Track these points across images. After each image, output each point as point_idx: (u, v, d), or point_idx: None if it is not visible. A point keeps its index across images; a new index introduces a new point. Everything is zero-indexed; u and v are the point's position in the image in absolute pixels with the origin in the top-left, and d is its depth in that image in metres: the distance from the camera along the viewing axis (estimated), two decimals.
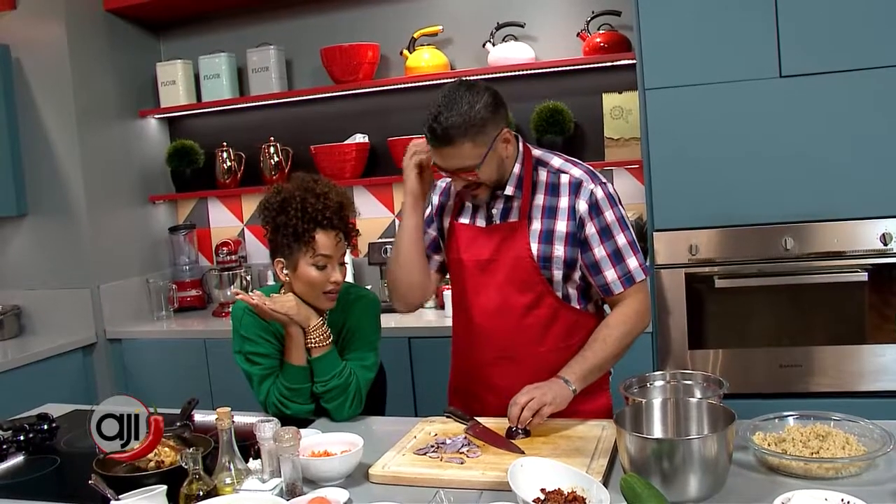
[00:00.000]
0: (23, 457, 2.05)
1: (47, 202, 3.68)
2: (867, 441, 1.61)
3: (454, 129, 1.87)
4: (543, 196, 2.03)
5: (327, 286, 2.08)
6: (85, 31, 3.66)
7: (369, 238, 3.78)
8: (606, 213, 2.00)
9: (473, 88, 1.91)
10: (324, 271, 2.07)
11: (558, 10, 3.52)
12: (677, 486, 1.44)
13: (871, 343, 2.66)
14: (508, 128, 1.99)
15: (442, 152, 1.93)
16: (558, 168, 2.05)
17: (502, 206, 2.05)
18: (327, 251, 2.06)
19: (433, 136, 1.91)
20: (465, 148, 1.89)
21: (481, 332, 2.07)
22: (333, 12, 3.82)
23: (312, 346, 2.11)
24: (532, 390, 1.89)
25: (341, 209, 2.10)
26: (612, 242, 2.00)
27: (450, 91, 1.91)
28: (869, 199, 2.62)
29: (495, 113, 1.93)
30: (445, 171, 1.99)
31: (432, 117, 1.89)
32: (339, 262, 2.10)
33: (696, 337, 2.82)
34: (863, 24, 2.56)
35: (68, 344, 3.55)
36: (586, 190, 2.00)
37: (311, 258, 2.06)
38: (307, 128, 3.91)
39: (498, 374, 2.03)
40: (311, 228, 2.05)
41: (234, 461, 1.62)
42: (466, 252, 2.08)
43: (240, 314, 2.19)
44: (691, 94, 2.73)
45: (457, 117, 1.87)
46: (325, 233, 2.06)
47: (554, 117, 3.35)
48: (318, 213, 2.05)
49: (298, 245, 2.06)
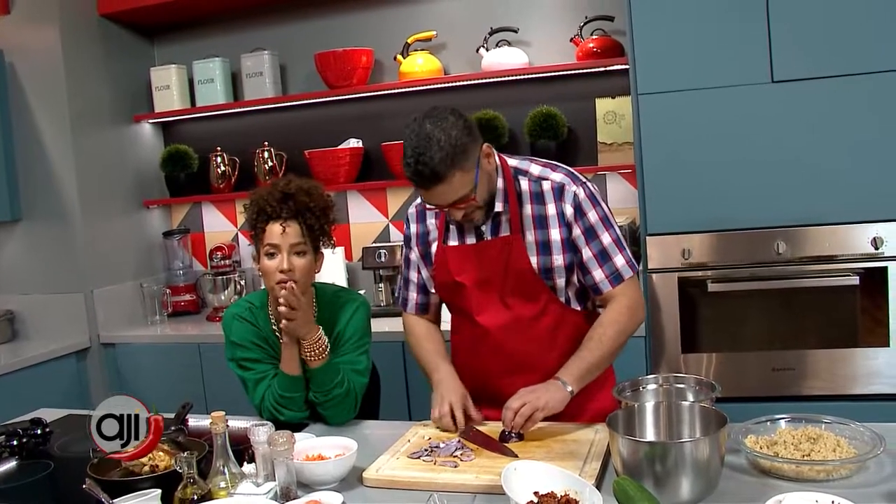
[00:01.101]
0: (16, 462, 2.04)
1: (41, 207, 3.68)
2: (858, 444, 1.61)
3: (441, 164, 1.81)
4: (531, 206, 2.01)
5: (276, 275, 2.08)
6: (79, 35, 3.66)
7: (363, 243, 3.78)
8: (590, 213, 1.99)
9: (439, 117, 1.86)
10: (273, 259, 2.08)
11: (552, 16, 3.53)
12: (670, 489, 1.44)
13: (863, 346, 2.68)
14: (486, 142, 1.96)
15: (434, 192, 1.87)
16: (538, 175, 2.03)
17: (491, 222, 2.03)
18: (273, 240, 2.07)
19: (421, 179, 1.84)
20: (455, 179, 1.85)
21: (493, 347, 2.05)
22: (327, 17, 3.83)
23: (309, 358, 2.11)
24: (526, 394, 1.89)
25: (287, 197, 2.09)
26: (598, 242, 2.00)
27: (419, 129, 1.84)
28: (860, 204, 2.63)
29: (470, 132, 1.88)
30: (440, 208, 1.95)
31: (413, 160, 1.82)
32: (290, 251, 2.08)
33: (689, 341, 2.83)
34: (854, 30, 2.58)
35: (62, 349, 3.54)
36: (569, 193, 1.99)
37: (263, 248, 2.10)
38: (301, 132, 3.91)
39: (509, 386, 1.98)
40: (261, 221, 2.10)
41: (229, 465, 1.62)
42: (462, 273, 2.06)
43: (230, 321, 2.21)
44: (684, 98, 2.75)
45: (439, 152, 1.81)
46: (272, 223, 2.08)
47: (547, 122, 3.36)
48: (265, 205, 2.09)
49: (257, 241, 2.12)
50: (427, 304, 2.24)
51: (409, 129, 1.87)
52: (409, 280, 2.23)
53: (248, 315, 2.21)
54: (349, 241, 3.89)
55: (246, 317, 2.21)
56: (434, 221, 2.13)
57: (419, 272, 2.20)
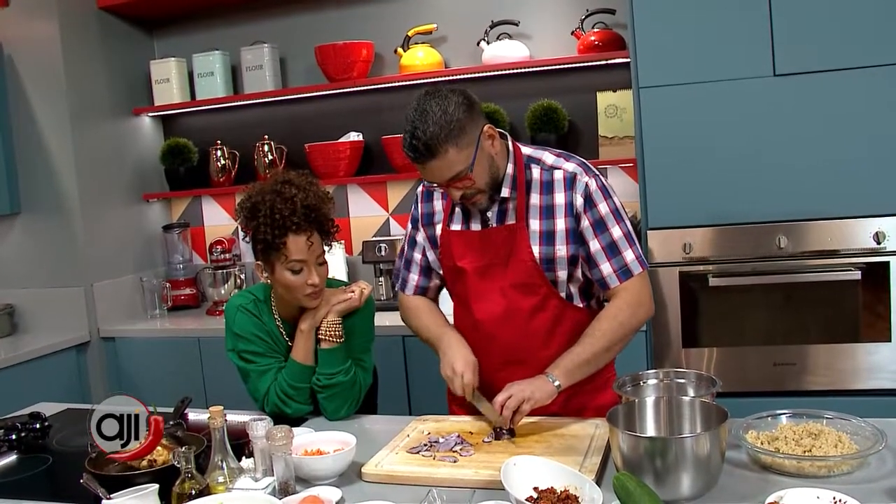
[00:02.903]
0: (15, 456, 2.05)
1: (41, 200, 3.67)
2: (859, 439, 1.61)
3: (434, 138, 1.81)
4: (539, 195, 1.99)
5: (306, 289, 2.06)
6: (78, 28, 3.65)
7: (363, 236, 3.78)
8: (600, 205, 1.97)
9: (440, 94, 1.85)
10: (300, 275, 2.05)
11: (553, 9, 3.52)
12: (670, 484, 1.44)
13: (865, 341, 2.67)
14: (491, 125, 1.94)
15: (429, 166, 1.86)
16: (551, 165, 2.01)
17: (497, 209, 2.01)
18: (300, 256, 2.03)
19: (416, 153, 1.84)
20: (449, 155, 1.84)
21: (487, 338, 2.04)
22: (328, 10, 3.81)
23: (324, 337, 2.10)
24: (511, 387, 1.87)
25: (310, 210, 2.05)
26: (607, 235, 1.97)
27: (418, 104, 1.85)
28: (862, 198, 2.63)
29: (470, 111, 1.87)
30: (439, 185, 1.94)
31: (409, 134, 1.83)
32: (315, 262, 2.06)
33: (690, 335, 2.82)
34: (857, 23, 2.57)
35: (61, 342, 3.54)
36: (581, 183, 1.97)
37: (286, 264, 2.04)
38: (301, 126, 3.90)
39: (505, 378, 1.96)
40: (281, 234, 2.01)
41: (227, 460, 1.62)
42: (463, 259, 2.04)
43: (233, 312, 2.19)
44: (685, 92, 2.74)
45: (433, 126, 1.81)
46: (296, 237, 2.02)
47: (548, 116, 3.35)
48: (285, 218, 2.01)
49: (271, 252, 2.05)
50: (427, 287, 2.20)
51: (412, 102, 1.88)
52: (412, 261, 2.19)
53: (252, 308, 2.19)
54: (349, 234, 3.88)
55: (250, 309, 2.18)
56: (441, 203, 2.11)
57: (424, 254, 2.17)
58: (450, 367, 1.97)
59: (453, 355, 1.99)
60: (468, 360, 1.98)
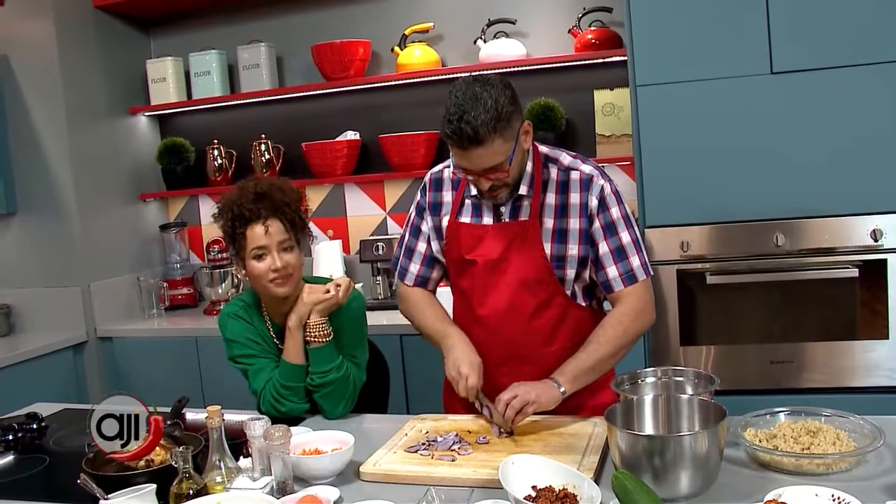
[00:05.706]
0: (12, 456, 2.04)
1: (37, 200, 3.66)
2: (857, 437, 1.61)
3: (484, 126, 1.78)
4: (555, 195, 2.00)
5: (270, 275, 2.07)
6: (74, 28, 3.64)
7: (361, 235, 3.78)
8: (613, 209, 1.99)
9: (489, 83, 1.82)
10: (263, 261, 2.07)
11: (549, 7, 3.52)
12: (668, 482, 1.44)
13: (862, 339, 2.67)
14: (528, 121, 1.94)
15: (471, 154, 1.82)
16: (568, 165, 2.01)
17: (511, 205, 2.01)
18: (259, 242, 2.06)
19: (461, 138, 1.79)
20: (495, 145, 1.82)
21: (489, 333, 2.03)
22: (324, 9, 3.81)
23: (311, 338, 2.11)
24: (516, 387, 1.87)
25: (261, 196, 2.07)
26: (616, 239, 1.98)
27: (467, 89, 1.81)
28: (859, 196, 2.63)
29: (515, 104, 1.86)
30: (472, 173, 1.90)
31: (457, 118, 1.79)
32: (278, 248, 2.07)
33: (688, 333, 2.82)
34: (854, 21, 2.57)
35: (59, 342, 3.53)
36: (597, 185, 1.98)
37: (249, 254, 2.07)
38: (298, 125, 3.90)
39: (506, 375, 1.97)
40: (239, 226, 2.07)
41: (225, 459, 1.62)
42: (472, 251, 2.03)
43: (225, 320, 2.21)
44: (683, 90, 2.74)
45: (484, 114, 1.77)
46: (252, 226, 2.06)
47: (545, 114, 3.35)
48: (241, 209, 2.06)
49: (236, 248, 2.10)
50: (428, 278, 2.19)
51: (455, 88, 1.84)
52: (414, 250, 2.18)
53: (241, 313, 2.21)
54: (346, 233, 3.88)
55: (240, 314, 2.20)
56: (451, 195, 2.10)
57: (429, 243, 2.15)
58: (455, 368, 1.96)
59: (458, 356, 1.98)
60: (473, 362, 1.97)
